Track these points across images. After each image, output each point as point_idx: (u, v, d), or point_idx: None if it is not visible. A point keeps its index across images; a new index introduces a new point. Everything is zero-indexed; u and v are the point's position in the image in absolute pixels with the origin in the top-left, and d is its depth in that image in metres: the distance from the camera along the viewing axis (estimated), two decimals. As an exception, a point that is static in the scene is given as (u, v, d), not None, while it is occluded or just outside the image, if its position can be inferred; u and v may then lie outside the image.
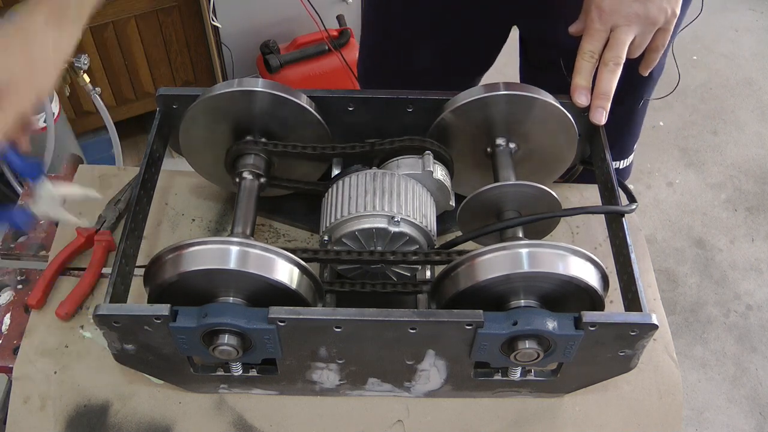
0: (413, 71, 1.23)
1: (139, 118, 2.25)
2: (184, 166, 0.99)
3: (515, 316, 0.70)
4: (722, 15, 3.05)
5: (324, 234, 0.83)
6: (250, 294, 0.73)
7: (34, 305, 0.90)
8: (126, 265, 0.78)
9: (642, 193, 2.40)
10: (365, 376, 0.81)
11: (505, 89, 0.84)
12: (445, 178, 0.87)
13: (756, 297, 2.14)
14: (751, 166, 2.49)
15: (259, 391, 0.86)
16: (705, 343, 2.04)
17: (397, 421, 0.86)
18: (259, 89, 0.83)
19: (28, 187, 0.96)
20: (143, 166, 0.85)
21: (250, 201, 0.85)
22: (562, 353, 0.72)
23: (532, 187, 0.82)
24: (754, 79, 2.79)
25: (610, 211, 0.83)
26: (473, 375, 0.80)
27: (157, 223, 1.00)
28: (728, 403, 1.92)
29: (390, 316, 0.70)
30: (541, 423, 0.86)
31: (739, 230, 2.30)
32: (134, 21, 1.99)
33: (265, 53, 2.18)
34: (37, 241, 1.00)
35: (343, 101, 0.89)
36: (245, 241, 0.72)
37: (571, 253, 0.72)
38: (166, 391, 0.86)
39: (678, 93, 2.69)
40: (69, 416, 0.85)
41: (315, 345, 0.74)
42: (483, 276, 0.71)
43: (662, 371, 0.89)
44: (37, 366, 0.86)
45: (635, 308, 0.74)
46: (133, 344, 0.74)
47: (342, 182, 0.85)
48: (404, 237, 0.81)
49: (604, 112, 0.86)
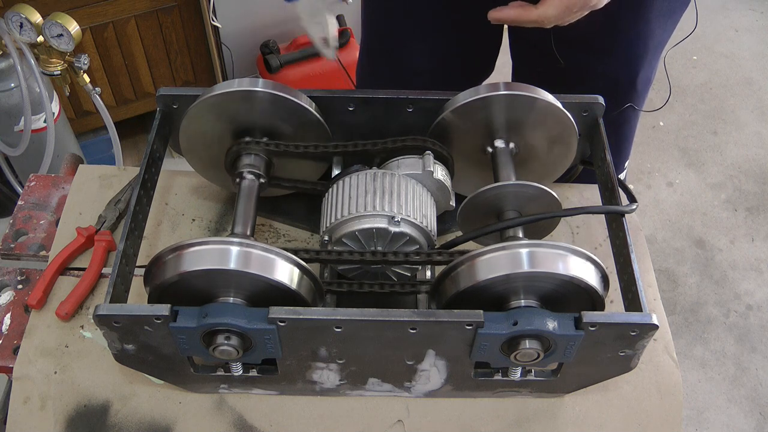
0: (411, 73, 1.23)
1: (139, 118, 2.25)
2: (184, 166, 0.99)
3: (515, 316, 0.70)
4: (722, 15, 3.05)
5: (324, 234, 0.83)
6: (251, 294, 0.73)
7: (35, 305, 0.90)
8: (126, 265, 0.78)
9: (642, 193, 2.40)
10: (365, 376, 0.81)
11: (505, 89, 0.84)
12: (445, 178, 0.87)
13: (756, 297, 2.13)
14: (751, 166, 2.49)
15: (259, 391, 0.86)
16: (705, 343, 2.04)
17: (397, 421, 0.86)
18: (259, 89, 0.83)
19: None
20: (143, 166, 0.85)
21: (250, 201, 0.85)
22: (562, 353, 0.72)
23: (532, 187, 0.82)
24: (754, 79, 2.79)
25: (611, 211, 0.83)
26: (473, 375, 0.80)
27: (157, 223, 1.00)
28: (728, 403, 1.92)
29: (390, 316, 0.70)
30: (541, 423, 0.86)
31: (739, 230, 2.30)
32: (134, 21, 1.99)
33: (265, 53, 2.18)
34: (37, 241, 1.00)
35: (343, 101, 0.89)
36: (245, 241, 0.72)
37: (571, 253, 0.72)
38: (166, 391, 0.86)
39: (678, 93, 2.69)
40: (69, 416, 0.85)
41: (315, 345, 0.74)
42: (483, 276, 0.71)
43: (662, 371, 0.89)
44: (37, 366, 0.86)
45: (635, 308, 0.74)
46: (133, 344, 0.74)
47: (342, 182, 0.84)
48: (404, 237, 0.81)
49: (512, 12, 0.84)
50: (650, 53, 1.07)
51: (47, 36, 1.54)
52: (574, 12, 0.81)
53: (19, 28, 1.54)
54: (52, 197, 1.04)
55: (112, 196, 1.01)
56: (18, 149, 1.74)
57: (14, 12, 1.52)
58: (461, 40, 1.18)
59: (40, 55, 1.60)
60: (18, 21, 1.53)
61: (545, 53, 1.04)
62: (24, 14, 1.52)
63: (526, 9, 0.82)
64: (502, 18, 0.84)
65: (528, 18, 0.82)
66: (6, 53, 1.60)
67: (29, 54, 1.56)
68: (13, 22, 1.53)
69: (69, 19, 1.53)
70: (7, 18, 1.53)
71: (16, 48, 1.56)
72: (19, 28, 1.54)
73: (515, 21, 0.84)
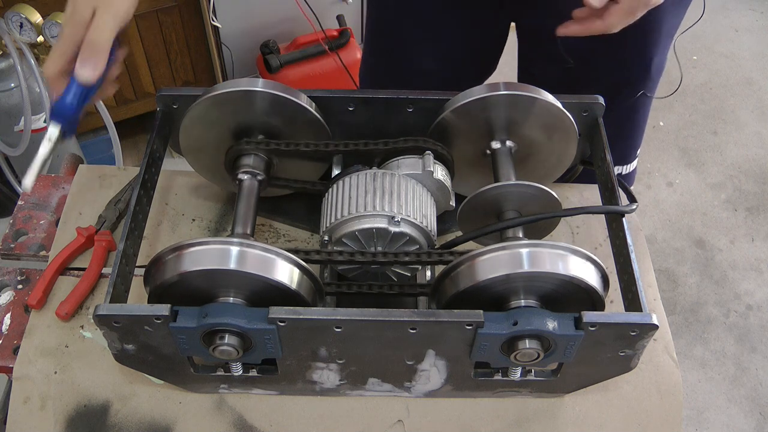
0: (415, 72, 1.23)
1: (139, 118, 2.25)
2: (184, 166, 0.99)
3: (515, 316, 0.70)
4: (722, 15, 3.05)
5: (324, 234, 0.83)
6: (251, 294, 0.73)
7: (34, 305, 0.90)
8: (126, 265, 0.78)
9: (642, 193, 2.40)
10: (365, 376, 0.81)
11: (505, 89, 0.84)
12: (445, 178, 0.87)
13: (756, 297, 2.14)
14: (751, 166, 2.49)
15: (259, 391, 0.86)
16: (705, 343, 2.04)
17: (397, 421, 0.86)
18: (259, 89, 0.83)
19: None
20: (143, 166, 0.85)
21: (250, 201, 0.85)
22: (562, 353, 0.72)
23: (532, 187, 0.82)
24: (754, 79, 2.79)
25: (611, 211, 0.83)
26: (473, 375, 0.80)
27: (157, 223, 1.00)
28: (728, 403, 1.92)
29: (390, 316, 0.70)
30: (541, 423, 0.86)
31: (739, 230, 2.30)
32: (134, 21, 1.99)
33: (265, 53, 2.18)
34: (37, 241, 1.00)
35: (343, 101, 0.89)
36: (245, 241, 0.72)
37: (571, 253, 0.72)
38: (166, 391, 0.86)
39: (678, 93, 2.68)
40: (69, 416, 0.85)
41: (315, 345, 0.74)
42: (483, 276, 0.71)
43: (662, 371, 0.89)
44: (37, 366, 0.86)
45: (635, 308, 0.74)
46: (133, 344, 0.74)
47: (342, 182, 0.84)
48: (404, 237, 0.81)
49: (578, 28, 0.83)
50: (663, 39, 1.07)
51: (47, 36, 1.54)
52: (636, 15, 0.81)
53: (19, 28, 1.54)
54: (52, 197, 1.04)
55: (112, 196, 1.01)
56: (18, 149, 1.74)
57: (14, 12, 1.52)
58: (466, 38, 1.18)
59: (40, 55, 1.60)
60: (18, 21, 1.53)
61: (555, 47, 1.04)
62: (24, 14, 1.52)
63: (592, 23, 0.83)
64: (569, 33, 0.85)
65: (595, 31, 0.83)
66: (6, 53, 1.60)
67: (29, 54, 1.56)
68: (13, 22, 1.53)
69: (69, 19, 1.53)
70: (7, 18, 1.53)
71: (16, 48, 1.56)
72: (19, 28, 1.54)
73: (582, 34, 0.85)
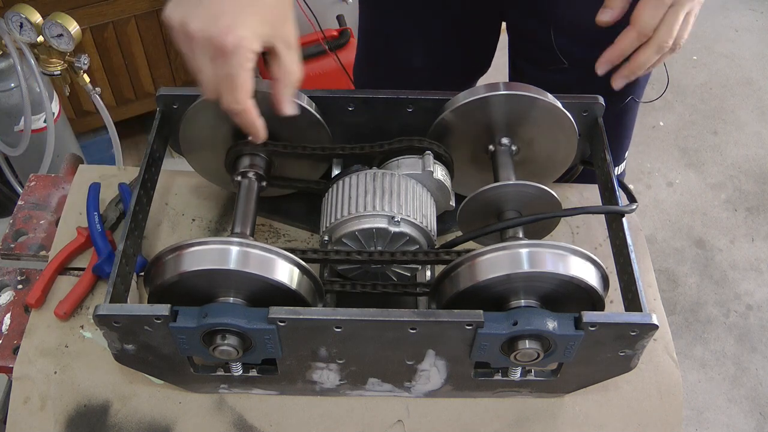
0: (406, 70, 1.22)
1: (139, 118, 2.25)
2: (184, 166, 0.99)
3: (515, 316, 0.70)
4: (722, 15, 3.05)
5: (324, 234, 0.83)
6: (251, 294, 0.73)
7: (34, 304, 0.90)
8: (126, 265, 0.78)
9: (642, 193, 2.40)
10: (365, 376, 0.81)
11: (505, 89, 0.84)
12: (445, 178, 0.87)
13: (756, 297, 2.14)
14: (751, 166, 2.49)
15: (259, 391, 0.86)
16: (705, 343, 2.04)
17: (397, 421, 0.86)
18: (259, 89, 0.83)
19: None
20: (143, 166, 0.85)
21: (250, 201, 0.85)
22: (562, 353, 0.72)
23: (533, 187, 0.82)
24: (754, 79, 2.79)
25: (610, 211, 0.83)
26: (473, 375, 0.80)
27: (157, 223, 1.00)
28: (728, 403, 1.92)
29: (390, 316, 0.70)
30: (541, 423, 0.86)
31: (739, 230, 2.30)
32: (134, 21, 1.99)
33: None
34: (37, 241, 1.00)
35: (343, 101, 0.89)
36: (245, 241, 0.72)
37: (571, 253, 0.72)
38: (166, 391, 0.86)
39: (678, 93, 2.69)
40: (69, 416, 0.85)
41: (315, 345, 0.74)
42: (483, 276, 0.71)
43: (662, 371, 0.89)
44: (37, 366, 0.86)
45: (635, 308, 0.74)
46: (133, 344, 0.74)
47: (342, 182, 0.84)
48: (404, 237, 0.81)
49: (625, 81, 0.85)
50: None
51: (47, 36, 1.54)
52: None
53: (19, 28, 1.54)
54: (52, 197, 1.04)
55: (112, 196, 1.01)
56: (18, 149, 1.74)
57: (14, 12, 1.52)
58: (458, 37, 1.18)
59: (40, 55, 1.60)
60: (18, 21, 1.53)
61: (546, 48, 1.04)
62: (24, 14, 1.52)
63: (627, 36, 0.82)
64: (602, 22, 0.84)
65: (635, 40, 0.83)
66: (6, 53, 1.60)
67: (29, 54, 1.56)
68: (13, 22, 1.53)
69: (69, 19, 1.53)
70: (7, 18, 1.53)
71: (16, 48, 1.56)
72: (19, 28, 1.54)
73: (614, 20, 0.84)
